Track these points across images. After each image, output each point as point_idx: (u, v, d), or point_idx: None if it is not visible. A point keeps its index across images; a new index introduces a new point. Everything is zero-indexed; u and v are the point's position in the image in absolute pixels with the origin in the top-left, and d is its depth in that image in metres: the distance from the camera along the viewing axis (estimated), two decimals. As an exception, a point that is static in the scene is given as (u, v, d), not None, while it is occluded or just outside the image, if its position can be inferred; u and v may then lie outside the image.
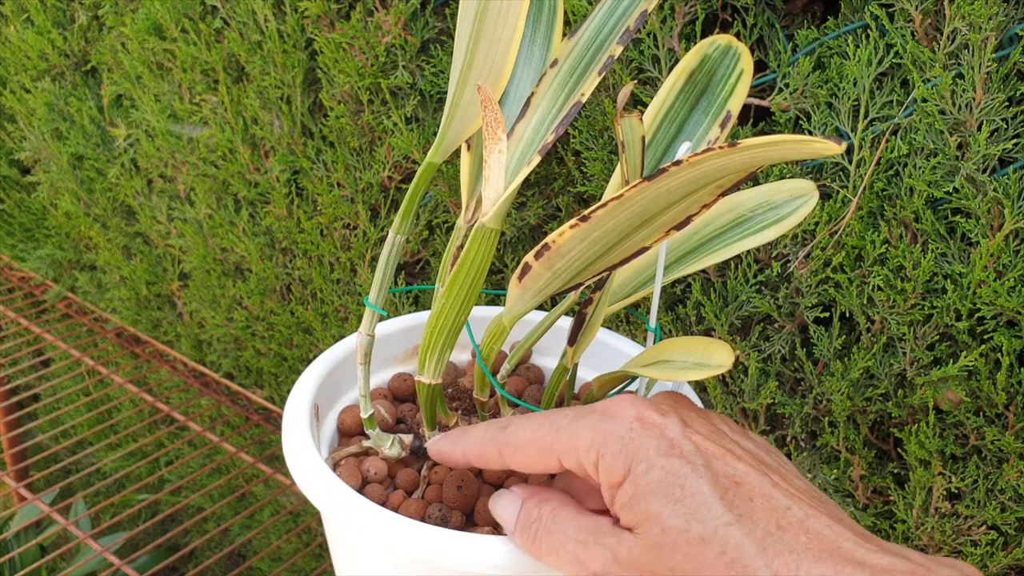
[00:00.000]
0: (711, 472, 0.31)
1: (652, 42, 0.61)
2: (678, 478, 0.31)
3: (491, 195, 0.35)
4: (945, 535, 0.59)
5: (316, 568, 1.07)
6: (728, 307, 0.63)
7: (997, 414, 0.56)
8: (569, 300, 0.44)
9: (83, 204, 1.17)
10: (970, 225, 0.53)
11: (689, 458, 0.32)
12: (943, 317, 0.55)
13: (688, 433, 0.33)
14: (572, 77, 0.37)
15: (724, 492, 0.31)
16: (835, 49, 0.56)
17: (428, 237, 0.80)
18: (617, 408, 0.34)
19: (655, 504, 0.31)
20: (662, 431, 0.33)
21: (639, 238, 0.34)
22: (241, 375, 1.10)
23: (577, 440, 0.33)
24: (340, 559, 0.43)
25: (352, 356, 0.48)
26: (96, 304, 1.24)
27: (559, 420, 0.35)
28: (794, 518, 0.31)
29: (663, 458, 0.32)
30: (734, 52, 0.41)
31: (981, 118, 0.51)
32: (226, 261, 1.01)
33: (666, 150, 0.42)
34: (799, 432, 0.65)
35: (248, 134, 0.90)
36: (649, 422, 0.33)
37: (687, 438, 0.32)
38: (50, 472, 1.10)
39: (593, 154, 0.65)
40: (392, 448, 0.43)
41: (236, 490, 1.14)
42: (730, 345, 0.36)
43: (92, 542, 0.87)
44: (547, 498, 0.35)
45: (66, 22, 1.07)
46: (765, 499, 0.31)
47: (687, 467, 0.31)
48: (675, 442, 0.32)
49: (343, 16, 0.77)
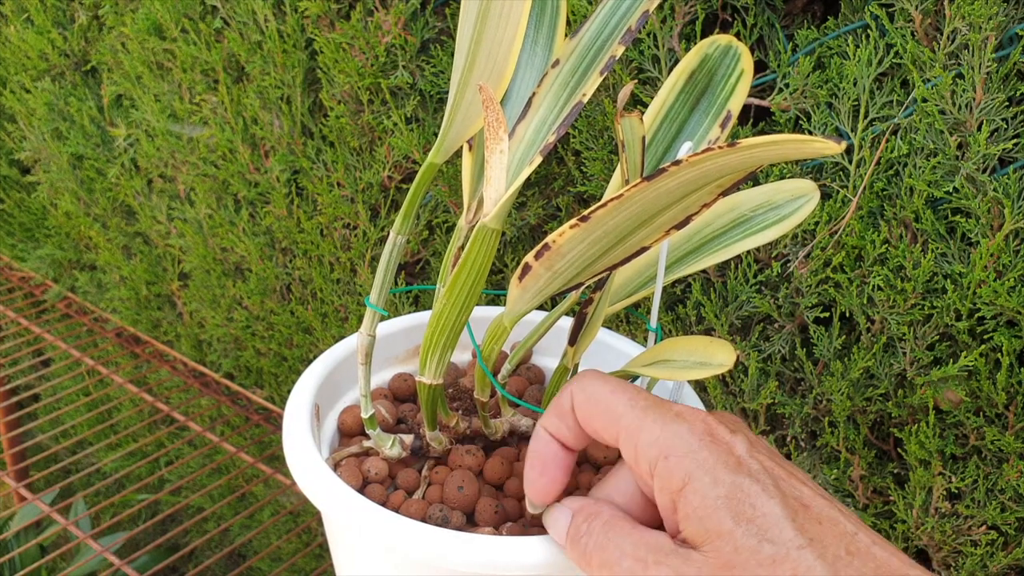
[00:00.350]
0: (780, 493, 0.31)
1: (652, 42, 0.61)
2: (748, 496, 0.31)
3: (493, 195, 0.35)
4: (945, 535, 0.60)
5: (316, 568, 1.07)
6: (728, 307, 0.63)
7: (997, 414, 0.56)
8: (569, 300, 0.44)
9: (83, 204, 1.17)
10: (970, 225, 0.53)
11: (758, 477, 0.32)
12: (943, 317, 0.55)
13: (754, 453, 0.33)
14: (574, 77, 0.37)
15: (795, 514, 0.31)
16: (835, 49, 0.56)
17: (428, 237, 0.80)
18: (691, 415, 0.34)
19: (727, 522, 0.31)
20: (730, 448, 0.32)
21: (639, 238, 0.34)
22: (241, 375, 1.10)
23: (643, 429, 0.33)
24: (340, 559, 0.43)
25: (352, 356, 0.48)
26: (96, 304, 1.24)
27: (636, 398, 0.34)
28: (862, 544, 0.31)
29: (731, 474, 0.31)
30: (734, 52, 0.41)
31: (981, 118, 0.51)
32: (226, 261, 1.01)
33: (666, 150, 0.42)
34: (799, 432, 0.65)
35: (248, 134, 0.90)
36: (719, 437, 0.33)
37: (754, 457, 0.32)
38: (50, 472, 1.10)
39: (593, 154, 0.65)
40: (393, 448, 0.43)
41: (236, 490, 1.14)
42: (731, 344, 0.36)
43: (92, 542, 0.87)
44: (598, 511, 0.35)
45: (66, 22, 1.07)
46: (832, 524, 0.31)
47: (757, 486, 0.31)
48: (743, 460, 0.32)
49: (343, 16, 0.77)
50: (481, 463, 0.44)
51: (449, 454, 0.44)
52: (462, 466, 0.43)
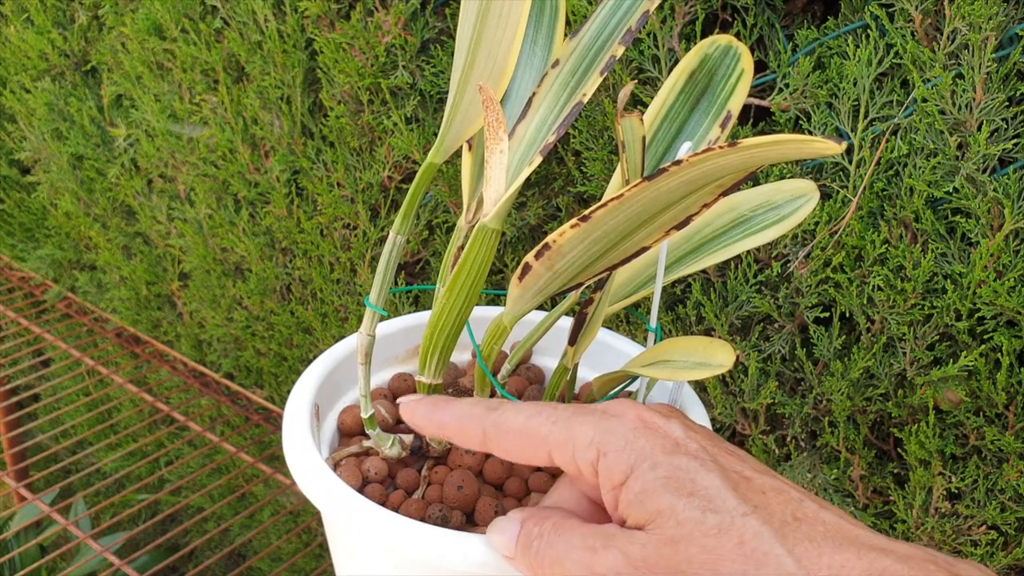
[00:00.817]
0: (720, 467, 0.31)
1: (652, 42, 0.61)
2: (688, 473, 0.31)
3: (492, 195, 0.35)
4: (945, 535, 0.60)
5: (316, 568, 1.07)
6: (728, 307, 0.63)
7: (997, 414, 0.56)
8: (569, 300, 0.44)
9: (83, 204, 1.17)
10: (970, 225, 0.53)
11: (696, 455, 0.32)
12: (943, 317, 0.55)
13: (691, 434, 0.33)
14: (574, 77, 0.37)
15: (735, 485, 0.31)
16: (835, 49, 0.56)
17: (428, 237, 0.80)
18: (618, 409, 0.34)
19: (667, 498, 0.31)
20: (666, 432, 0.33)
21: (639, 238, 0.34)
22: (241, 375, 1.10)
23: (575, 436, 0.33)
24: (340, 559, 0.43)
25: (352, 356, 0.48)
26: (96, 304, 1.24)
27: (556, 413, 0.34)
28: (809, 510, 0.31)
29: (669, 456, 0.32)
30: (734, 52, 0.41)
31: (981, 118, 0.51)
32: (226, 261, 1.01)
33: (666, 150, 0.42)
34: (799, 432, 0.65)
35: (248, 134, 0.90)
36: (652, 424, 0.33)
37: (691, 438, 0.32)
38: (50, 472, 1.10)
39: (593, 154, 0.65)
40: (392, 448, 0.43)
41: (236, 490, 1.14)
42: (731, 345, 0.36)
43: (92, 542, 0.87)
44: (547, 515, 0.35)
45: (66, 22, 1.07)
46: (777, 492, 0.31)
47: (695, 463, 0.31)
48: (680, 441, 0.32)
49: (343, 16, 0.77)
50: (481, 463, 0.44)
51: (449, 454, 0.44)
52: (462, 466, 0.43)
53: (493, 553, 0.36)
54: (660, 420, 0.33)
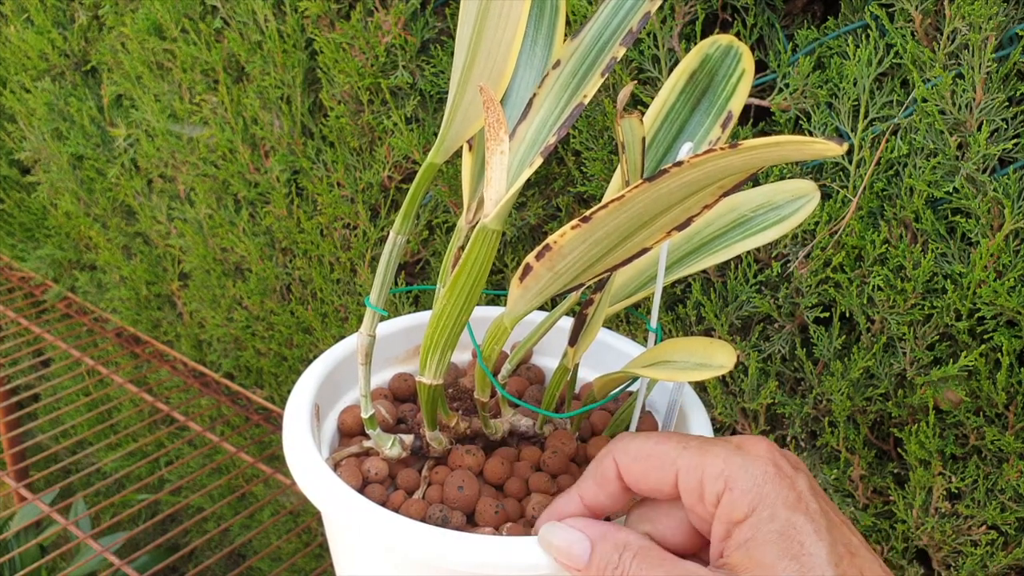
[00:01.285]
0: (831, 537, 0.32)
1: (652, 42, 0.61)
2: (800, 535, 0.32)
3: (493, 196, 0.35)
4: (945, 535, 0.60)
5: (316, 568, 1.07)
6: (728, 307, 0.63)
7: (997, 414, 0.56)
8: (570, 300, 0.44)
9: (83, 204, 1.17)
10: (970, 225, 0.53)
11: (813, 517, 0.32)
12: (943, 317, 0.55)
13: (814, 493, 0.33)
14: (575, 78, 0.37)
15: (839, 561, 0.31)
16: (835, 49, 0.56)
17: (428, 237, 0.80)
18: (753, 446, 0.34)
19: (771, 554, 0.31)
20: (792, 483, 0.33)
21: (640, 239, 0.34)
22: (241, 375, 1.10)
23: (707, 464, 0.33)
24: (340, 559, 0.43)
25: (352, 356, 0.48)
26: (96, 304, 1.24)
27: (687, 440, 0.35)
28: None
29: (789, 511, 0.32)
30: (735, 52, 0.41)
31: (981, 118, 0.51)
32: (226, 261, 1.01)
33: (667, 151, 0.42)
34: (799, 432, 0.65)
35: (248, 134, 0.90)
36: (783, 471, 0.33)
37: (814, 498, 0.33)
38: (50, 472, 1.10)
39: (593, 154, 0.65)
40: (393, 448, 0.43)
41: (236, 490, 1.14)
42: (731, 345, 0.36)
43: (92, 542, 0.87)
44: (626, 541, 0.35)
45: (66, 22, 1.07)
46: None
47: (810, 526, 0.32)
48: (803, 497, 0.33)
49: (343, 16, 0.77)
50: (481, 463, 0.44)
51: (449, 454, 0.44)
52: (462, 466, 0.43)
53: (493, 553, 0.36)
54: (790, 469, 0.34)
